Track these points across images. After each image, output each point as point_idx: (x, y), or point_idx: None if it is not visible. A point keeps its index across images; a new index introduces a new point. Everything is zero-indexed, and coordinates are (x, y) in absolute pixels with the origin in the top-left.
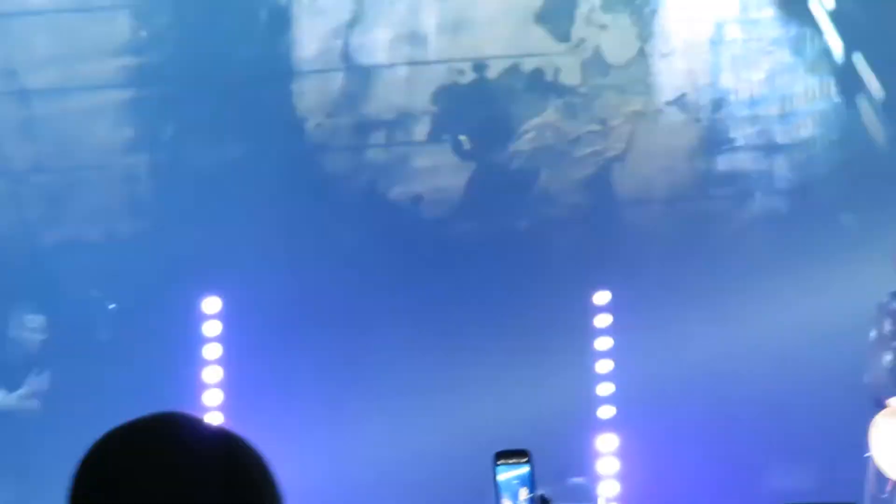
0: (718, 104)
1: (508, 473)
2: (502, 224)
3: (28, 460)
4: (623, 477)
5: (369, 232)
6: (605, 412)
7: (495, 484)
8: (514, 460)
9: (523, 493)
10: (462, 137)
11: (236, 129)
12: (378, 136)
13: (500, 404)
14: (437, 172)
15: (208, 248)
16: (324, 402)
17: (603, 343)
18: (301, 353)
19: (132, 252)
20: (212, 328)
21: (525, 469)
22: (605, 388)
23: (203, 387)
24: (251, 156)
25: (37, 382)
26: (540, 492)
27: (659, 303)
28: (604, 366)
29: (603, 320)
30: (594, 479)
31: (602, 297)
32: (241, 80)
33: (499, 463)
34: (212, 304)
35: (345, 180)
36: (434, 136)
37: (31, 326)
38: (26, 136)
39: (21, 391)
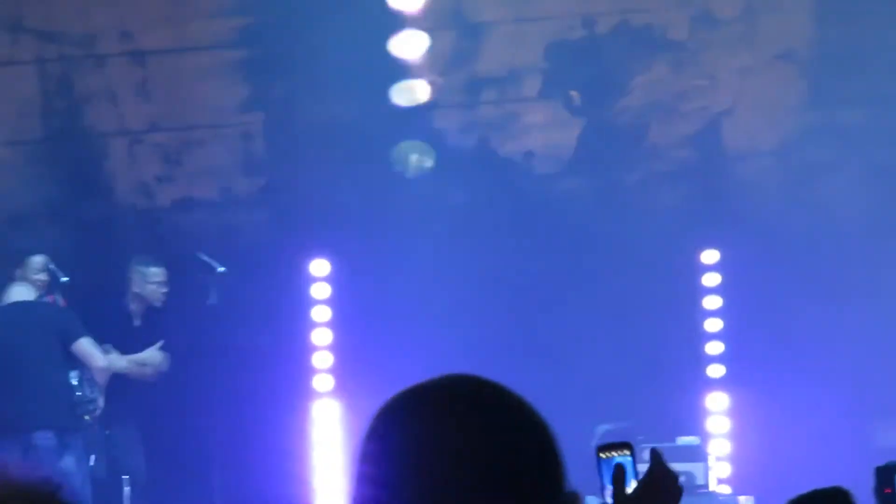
0: (824, 58)
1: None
2: (611, 179)
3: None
4: (733, 436)
5: (481, 188)
6: (715, 371)
7: (599, 472)
8: (616, 453)
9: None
10: (572, 93)
11: (348, 89)
12: (490, 94)
13: (607, 361)
14: (548, 128)
15: (318, 209)
16: (431, 364)
17: (712, 302)
18: (409, 314)
19: (246, 210)
20: (320, 290)
21: (628, 460)
22: (714, 348)
23: (312, 349)
24: (363, 114)
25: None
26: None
27: (766, 260)
28: (713, 325)
29: (711, 279)
30: (704, 437)
31: (710, 255)
32: (350, 40)
33: (601, 456)
34: (320, 266)
35: (457, 137)
36: (545, 93)
37: (155, 280)
38: (143, 97)
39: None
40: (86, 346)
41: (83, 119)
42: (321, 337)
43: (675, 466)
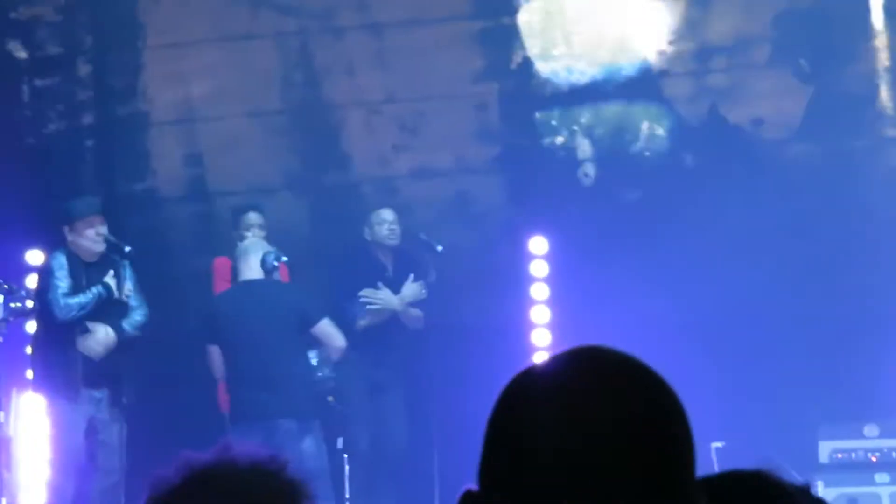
0: None
1: None
2: (841, 145)
3: None
4: None
5: (711, 155)
6: None
7: None
8: None
9: None
10: (801, 61)
11: (582, 56)
12: (719, 62)
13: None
14: (777, 95)
15: (550, 179)
16: (652, 344)
17: None
18: (630, 291)
19: (481, 179)
20: (539, 268)
21: None
22: None
23: (531, 326)
24: (595, 83)
25: None
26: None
27: None
28: None
29: None
30: None
31: None
32: (587, 7)
33: None
34: (539, 244)
35: (686, 105)
36: (774, 60)
37: (385, 220)
38: (380, 68)
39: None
40: (326, 327)
41: (321, 91)
42: (539, 315)
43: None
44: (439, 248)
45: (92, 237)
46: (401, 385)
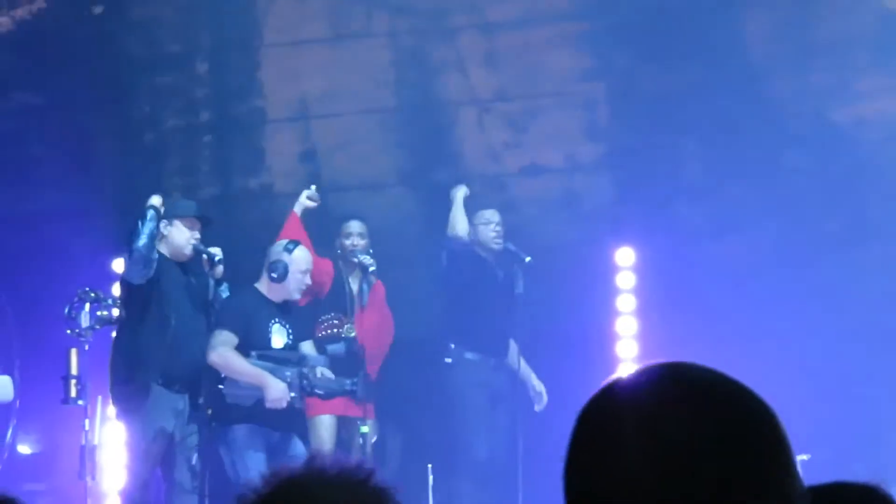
0: None
1: None
2: None
3: None
4: None
5: (811, 156)
6: None
7: None
8: None
9: None
10: None
11: (689, 56)
12: (822, 62)
13: None
14: (878, 97)
15: (658, 175)
16: (740, 357)
17: None
18: (717, 306)
19: (589, 176)
20: (625, 280)
21: None
22: None
23: (616, 338)
24: (699, 84)
25: None
26: None
27: None
28: None
29: None
30: None
31: None
32: (693, 8)
33: None
34: (625, 255)
35: (788, 105)
36: (876, 62)
37: (491, 221)
38: (491, 67)
39: None
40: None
41: (434, 89)
42: (625, 326)
43: None
44: (527, 259)
45: (187, 237)
46: (516, 393)
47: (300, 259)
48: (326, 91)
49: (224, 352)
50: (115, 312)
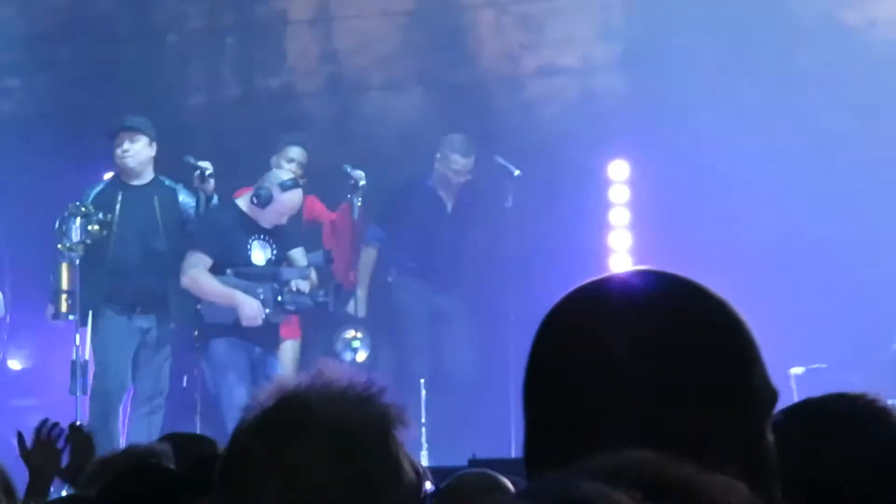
0: None
1: None
2: None
3: None
4: None
5: (824, 58)
6: None
7: None
8: None
9: None
10: None
11: None
12: None
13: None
14: None
15: (677, 75)
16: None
17: None
18: (703, 218)
19: (602, 77)
20: (619, 193)
21: None
22: None
23: (609, 252)
24: None
25: None
26: None
27: None
28: None
29: None
30: None
31: None
32: None
33: None
34: (619, 168)
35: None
36: None
37: (456, 165)
38: None
39: None
40: None
41: None
42: (619, 240)
43: None
44: (517, 172)
45: (117, 154)
46: (465, 314)
47: (288, 201)
48: None
49: (194, 274)
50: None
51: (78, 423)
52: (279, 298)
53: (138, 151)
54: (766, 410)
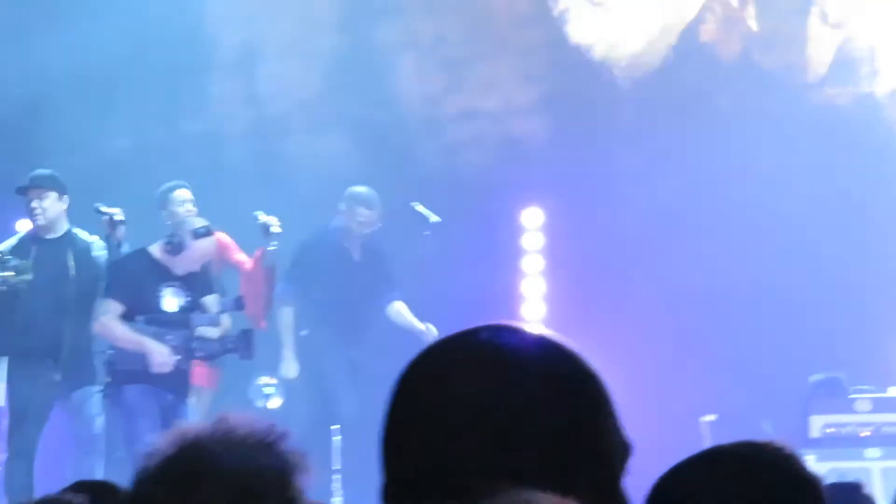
0: None
1: None
2: None
3: None
4: None
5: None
6: None
7: None
8: None
9: None
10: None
11: None
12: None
13: (818, 308)
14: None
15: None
16: (647, 315)
17: None
18: (618, 265)
19: (522, 121)
20: (533, 240)
21: None
22: None
23: (522, 299)
24: None
25: None
26: None
27: None
28: None
29: None
30: None
31: None
32: None
33: None
34: (533, 216)
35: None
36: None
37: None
38: (433, 13)
39: None
40: None
41: (374, 34)
42: (532, 287)
43: (888, 417)
44: (434, 218)
45: (30, 210)
46: (377, 363)
47: (201, 249)
48: (269, 37)
49: (105, 320)
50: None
51: None
52: (191, 345)
53: (47, 209)
54: (619, 461)
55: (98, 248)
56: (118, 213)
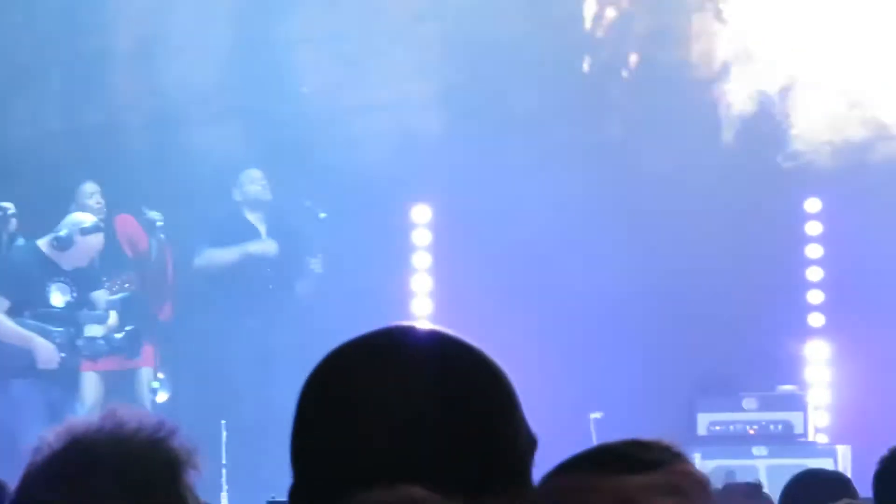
0: None
1: None
2: None
3: None
4: (833, 385)
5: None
6: (816, 320)
7: None
8: None
9: None
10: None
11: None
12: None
13: (707, 307)
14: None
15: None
16: (535, 313)
17: (813, 251)
18: (509, 266)
19: (417, 116)
20: (421, 237)
21: None
22: (815, 296)
23: (411, 295)
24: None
25: None
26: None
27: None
28: (814, 273)
29: (813, 228)
30: (804, 386)
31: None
32: None
33: None
34: (421, 213)
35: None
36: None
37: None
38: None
39: None
40: None
41: (272, 27)
42: (420, 284)
43: (775, 415)
44: (322, 215)
45: None
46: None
47: (88, 245)
48: (169, 29)
49: None
50: None
51: None
52: (77, 342)
53: None
54: (527, 454)
55: None
56: (10, 207)
